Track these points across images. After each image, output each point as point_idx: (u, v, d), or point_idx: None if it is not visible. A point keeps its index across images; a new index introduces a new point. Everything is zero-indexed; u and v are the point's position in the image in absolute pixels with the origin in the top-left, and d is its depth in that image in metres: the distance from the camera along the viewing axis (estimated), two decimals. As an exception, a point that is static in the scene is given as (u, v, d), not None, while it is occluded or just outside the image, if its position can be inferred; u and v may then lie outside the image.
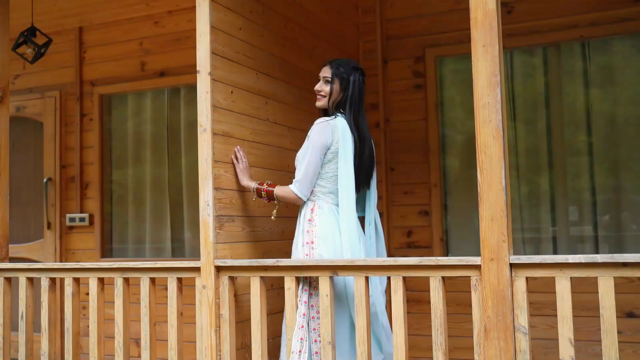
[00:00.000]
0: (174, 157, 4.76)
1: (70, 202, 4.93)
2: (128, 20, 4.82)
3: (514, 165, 3.92)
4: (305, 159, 2.70)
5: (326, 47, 3.84)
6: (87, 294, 3.02)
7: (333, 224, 2.67)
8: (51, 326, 3.08)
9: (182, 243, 4.71)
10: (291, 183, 2.76)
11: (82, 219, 4.84)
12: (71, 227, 4.91)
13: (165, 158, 4.79)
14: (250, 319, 2.66)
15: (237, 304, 2.74)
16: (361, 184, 2.80)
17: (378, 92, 4.27)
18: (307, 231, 2.70)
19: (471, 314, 2.29)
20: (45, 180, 4.98)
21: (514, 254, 2.23)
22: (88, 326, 3.74)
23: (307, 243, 2.69)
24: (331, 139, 2.69)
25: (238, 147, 2.81)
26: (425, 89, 4.14)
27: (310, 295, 2.63)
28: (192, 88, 4.63)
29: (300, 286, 2.62)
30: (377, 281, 2.74)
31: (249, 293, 2.67)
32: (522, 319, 2.15)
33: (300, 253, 2.71)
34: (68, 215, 4.89)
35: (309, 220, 2.71)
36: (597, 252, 3.72)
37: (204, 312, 2.65)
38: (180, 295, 2.80)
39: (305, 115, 3.51)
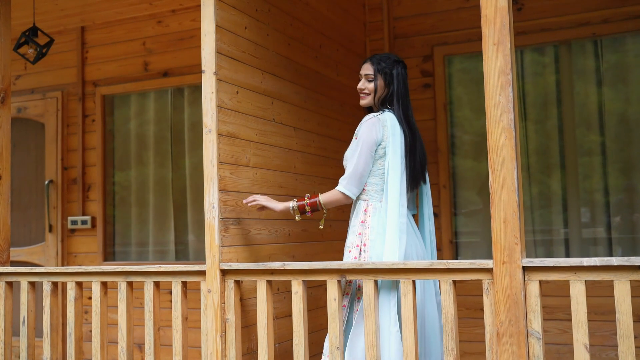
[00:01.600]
0: (178, 158, 4.77)
1: (72, 204, 4.94)
2: (131, 20, 4.82)
3: (524, 165, 3.91)
4: (354, 156, 2.63)
5: (333, 46, 3.83)
6: (90, 298, 3.02)
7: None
8: (53, 331, 3.08)
9: (186, 246, 4.71)
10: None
11: (84, 222, 4.84)
12: (73, 230, 4.91)
13: (168, 159, 4.79)
14: (256, 324, 2.66)
15: (243, 309, 2.73)
16: (417, 179, 2.74)
17: (385, 91, 4.25)
18: (359, 233, 2.64)
19: (482, 318, 2.28)
20: (46, 182, 4.98)
21: (526, 256, 2.21)
22: (91, 331, 3.74)
23: (357, 246, 2.62)
24: (381, 134, 2.63)
25: (243, 200, 2.77)
26: (434, 88, 4.13)
27: (358, 299, 2.60)
28: (196, 88, 4.63)
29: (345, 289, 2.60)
30: (432, 282, 2.67)
31: (255, 297, 2.67)
32: (536, 323, 2.13)
33: (349, 256, 2.65)
34: (70, 218, 4.89)
35: (362, 221, 2.65)
36: (610, 255, 3.70)
37: (209, 316, 2.64)
38: (185, 299, 2.80)
39: (311, 115, 3.50)
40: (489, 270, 2.21)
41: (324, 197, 2.68)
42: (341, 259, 3.45)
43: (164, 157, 4.80)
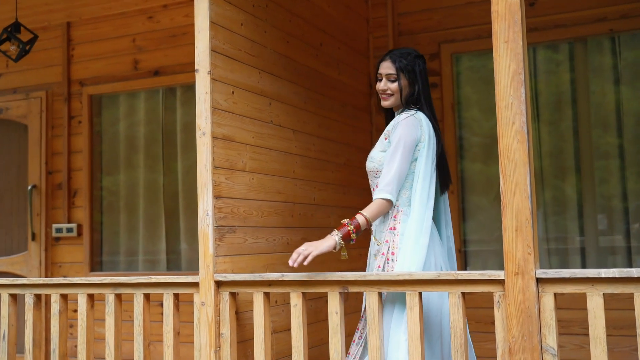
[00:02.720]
0: (169, 161, 4.77)
1: (57, 211, 4.94)
2: (119, 15, 4.83)
3: (537, 169, 3.91)
4: (395, 158, 2.56)
5: (334, 44, 3.84)
6: (75, 311, 3.01)
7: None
8: (36, 347, 3.07)
9: (178, 255, 4.70)
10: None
11: (69, 230, 4.84)
12: (58, 239, 4.91)
13: (159, 163, 4.79)
14: (253, 339, 2.65)
15: (239, 322, 2.73)
16: (447, 183, 2.73)
17: (389, 91, 4.26)
18: (386, 241, 2.60)
19: (493, 332, 2.27)
20: (29, 187, 4.98)
21: (540, 267, 2.21)
22: (76, 346, 3.73)
23: (382, 254, 2.59)
24: (419, 134, 2.61)
25: (290, 263, 2.49)
26: (441, 88, 4.13)
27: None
28: (189, 88, 4.63)
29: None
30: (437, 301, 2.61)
31: (252, 310, 2.66)
32: (551, 339, 2.13)
33: (373, 265, 2.63)
34: (54, 226, 4.89)
35: (391, 228, 2.60)
36: (629, 264, 3.70)
37: (202, 330, 2.64)
38: (177, 312, 2.79)
39: (311, 117, 3.51)
40: (501, 282, 2.21)
41: (369, 213, 2.51)
42: (344, 269, 3.44)
43: (155, 161, 4.80)
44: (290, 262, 2.45)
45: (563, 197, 3.89)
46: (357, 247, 3.90)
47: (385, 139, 2.65)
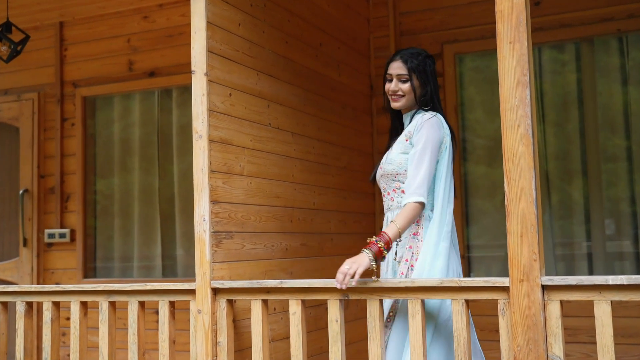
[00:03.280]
0: (165, 164, 4.77)
1: (49, 216, 4.94)
2: (114, 15, 4.84)
3: (542, 172, 3.91)
4: (423, 159, 2.54)
5: (334, 44, 3.85)
6: (68, 319, 3.01)
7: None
8: (27, 356, 3.07)
9: (174, 261, 4.70)
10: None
11: (62, 235, 4.84)
12: (50, 244, 4.91)
13: (155, 165, 4.79)
14: (250, 347, 2.65)
15: (237, 330, 2.73)
16: (455, 188, 2.71)
17: (391, 92, 4.27)
18: (409, 247, 2.58)
19: (497, 340, 2.27)
20: (21, 191, 4.98)
21: (546, 274, 2.22)
22: (69, 355, 3.73)
23: (406, 260, 2.57)
24: (442, 135, 2.61)
25: (338, 286, 2.38)
26: (444, 89, 4.14)
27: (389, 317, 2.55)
28: (185, 89, 4.64)
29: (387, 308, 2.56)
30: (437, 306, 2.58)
31: (250, 318, 2.66)
32: (557, 347, 2.13)
33: (391, 271, 2.60)
34: (47, 231, 4.89)
35: (414, 234, 2.59)
36: (638, 271, 3.70)
37: (199, 339, 2.64)
38: (172, 320, 2.79)
39: (311, 119, 3.51)
40: (505, 289, 2.21)
41: (400, 222, 2.44)
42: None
43: (150, 163, 4.81)
44: (338, 285, 2.34)
45: (569, 201, 3.90)
46: (358, 253, 3.90)
47: (407, 140, 2.63)
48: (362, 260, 2.35)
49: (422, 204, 2.50)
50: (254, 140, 3.00)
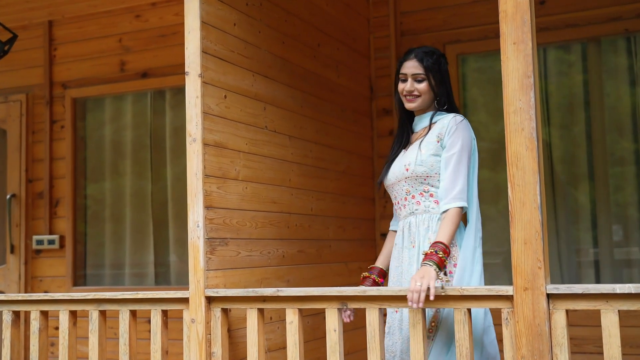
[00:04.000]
0: (158, 168, 4.77)
1: (38, 221, 4.94)
2: (105, 14, 4.84)
3: (547, 177, 3.92)
4: (462, 164, 2.56)
5: (333, 45, 3.85)
6: (57, 328, 3.01)
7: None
8: (15, 366, 3.07)
9: (168, 268, 4.70)
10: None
11: (51, 242, 4.84)
12: (38, 251, 4.90)
13: (147, 169, 4.80)
14: (246, 358, 2.65)
15: (232, 340, 2.73)
16: None
17: (392, 95, 4.27)
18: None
19: (501, 351, 2.27)
20: (8, 196, 4.98)
21: (551, 282, 2.22)
22: (58, 365, 3.73)
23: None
24: (472, 137, 2.65)
25: (414, 305, 2.29)
26: (446, 90, 4.14)
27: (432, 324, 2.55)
28: (179, 91, 4.64)
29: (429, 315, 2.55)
30: (481, 314, 2.57)
31: (245, 327, 2.66)
32: (563, 358, 2.13)
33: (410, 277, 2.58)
34: (35, 237, 4.88)
35: None
36: (646, 279, 3.71)
37: (192, 349, 2.64)
38: (165, 330, 2.79)
39: (309, 122, 3.52)
40: (509, 298, 2.21)
41: (450, 229, 2.46)
42: (342, 284, 3.44)
43: (143, 167, 4.81)
44: (414, 305, 2.27)
45: (576, 207, 3.90)
46: (357, 260, 3.90)
47: (437, 141, 2.61)
48: (429, 274, 2.30)
49: (461, 208, 2.53)
50: (249, 144, 3.01)
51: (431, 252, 2.38)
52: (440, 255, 2.37)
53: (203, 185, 2.68)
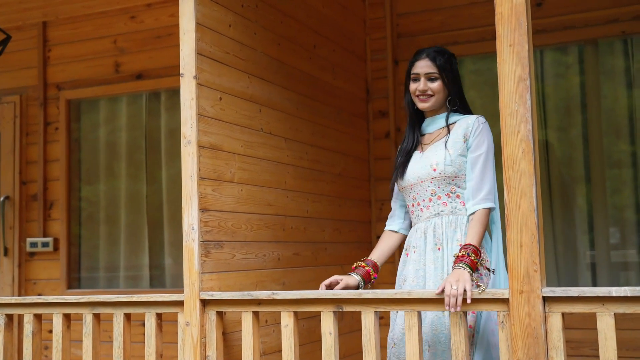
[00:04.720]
0: (153, 170, 4.77)
1: (32, 224, 4.93)
2: (100, 15, 4.84)
3: (544, 179, 3.93)
4: (489, 165, 2.57)
5: (329, 46, 3.86)
6: (51, 332, 3.01)
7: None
8: (8, 370, 3.06)
9: (162, 270, 4.70)
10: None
11: (45, 244, 4.83)
12: (32, 254, 4.90)
13: (142, 171, 4.80)
14: (241, 362, 2.66)
15: (226, 344, 2.73)
16: None
17: (388, 97, 4.29)
18: None
19: (498, 355, 2.27)
20: (2, 199, 4.98)
21: (547, 285, 2.23)
22: (52, 369, 3.73)
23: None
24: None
25: (453, 310, 2.27)
26: (443, 92, 4.15)
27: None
28: (174, 92, 4.64)
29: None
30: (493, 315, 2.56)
31: (240, 331, 2.67)
32: (558, 361, 2.14)
33: (432, 274, 2.55)
34: (29, 240, 4.88)
35: None
36: (643, 281, 3.72)
37: (187, 353, 2.64)
38: (159, 333, 2.79)
39: (305, 124, 3.52)
40: (505, 301, 2.22)
41: (479, 230, 2.46)
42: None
43: (138, 169, 4.81)
44: (452, 309, 2.25)
45: (572, 209, 3.91)
46: (353, 263, 3.90)
47: (464, 141, 2.60)
48: (464, 276, 2.28)
49: (489, 210, 2.54)
50: (245, 146, 3.01)
51: (463, 254, 2.37)
52: (472, 258, 2.36)
53: (198, 188, 2.68)
